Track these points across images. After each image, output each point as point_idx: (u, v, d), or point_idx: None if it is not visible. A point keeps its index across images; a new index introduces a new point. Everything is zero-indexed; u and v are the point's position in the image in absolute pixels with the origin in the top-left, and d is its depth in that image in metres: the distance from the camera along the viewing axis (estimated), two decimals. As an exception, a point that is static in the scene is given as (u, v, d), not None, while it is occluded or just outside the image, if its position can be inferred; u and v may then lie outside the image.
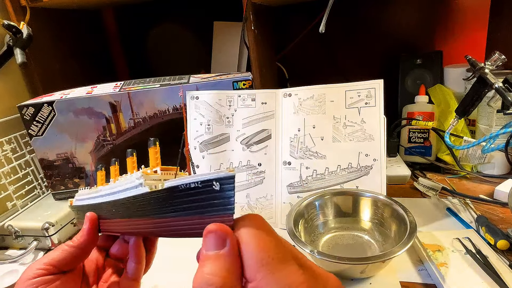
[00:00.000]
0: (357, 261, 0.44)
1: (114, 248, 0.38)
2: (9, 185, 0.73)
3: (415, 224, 0.49)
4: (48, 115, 0.73)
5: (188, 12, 1.09)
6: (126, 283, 0.36)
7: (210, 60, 1.07)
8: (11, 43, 0.75)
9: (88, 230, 0.35)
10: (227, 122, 0.68)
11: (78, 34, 1.02)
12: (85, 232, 0.35)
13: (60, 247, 0.34)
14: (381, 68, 1.01)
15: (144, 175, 0.28)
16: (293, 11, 1.03)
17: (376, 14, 0.98)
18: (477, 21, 0.90)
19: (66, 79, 0.94)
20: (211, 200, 0.23)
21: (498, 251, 0.51)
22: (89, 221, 0.35)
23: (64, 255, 0.33)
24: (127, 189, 0.30)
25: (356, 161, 0.62)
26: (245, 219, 0.23)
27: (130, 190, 0.30)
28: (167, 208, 0.26)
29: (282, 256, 0.21)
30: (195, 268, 0.23)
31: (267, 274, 0.20)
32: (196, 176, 0.23)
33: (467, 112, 0.63)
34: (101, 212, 0.36)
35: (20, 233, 0.67)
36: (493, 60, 0.58)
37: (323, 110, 0.64)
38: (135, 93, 0.73)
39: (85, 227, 0.35)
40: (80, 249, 0.34)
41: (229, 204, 0.22)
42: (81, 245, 0.34)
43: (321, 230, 0.58)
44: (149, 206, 0.28)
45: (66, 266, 0.33)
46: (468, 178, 0.76)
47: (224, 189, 0.22)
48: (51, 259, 0.33)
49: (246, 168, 0.67)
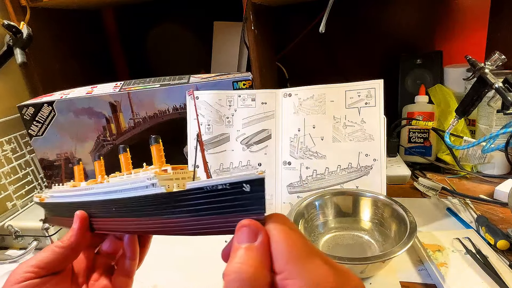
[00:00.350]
0: (357, 261, 0.44)
1: (105, 245, 0.37)
2: (9, 185, 0.73)
3: (415, 224, 0.49)
4: (48, 115, 0.73)
5: (188, 12, 1.09)
6: (119, 280, 0.35)
7: (210, 60, 1.06)
8: (11, 43, 0.75)
9: (78, 229, 0.33)
10: (227, 122, 0.68)
11: (78, 34, 1.02)
12: (75, 231, 0.33)
13: (48, 248, 0.32)
14: (381, 68, 1.01)
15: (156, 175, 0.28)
16: (293, 11, 1.03)
17: (376, 14, 0.98)
18: (477, 21, 0.90)
19: (66, 79, 0.94)
20: (241, 201, 0.24)
21: (498, 251, 0.51)
22: (79, 219, 0.34)
23: (53, 256, 0.32)
24: (135, 188, 0.30)
25: (356, 161, 0.62)
26: (272, 217, 0.24)
27: (138, 189, 0.29)
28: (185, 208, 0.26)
29: (309, 250, 0.23)
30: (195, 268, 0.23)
31: (296, 266, 0.21)
32: (220, 178, 0.24)
33: (467, 112, 0.63)
34: (92, 210, 0.35)
35: (20, 233, 0.67)
36: (493, 60, 0.58)
37: (323, 110, 0.64)
38: (135, 93, 0.73)
39: (75, 226, 0.34)
40: (70, 249, 0.33)
41: (260, 204, 0.23)
42: (71, 245, 0.33)
43: (321, 230, 0.58)
44: (162, 206, 0.28)
45: (56, 268, 0.32)
46: (468, 178, 0.76)
47: (255, 190, 0.23)
48: (39, 261, 0.31)
49: (246, 168, 0.67)
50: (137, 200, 0.29)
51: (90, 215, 0.35)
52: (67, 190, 0.39)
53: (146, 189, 0.28)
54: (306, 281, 0.21)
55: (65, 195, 0.38)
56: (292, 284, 0.21)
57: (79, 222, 0.34)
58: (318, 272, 0.21)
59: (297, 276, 0.21)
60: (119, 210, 0.32)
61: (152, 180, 0.28)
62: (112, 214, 0.33)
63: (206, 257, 0.56)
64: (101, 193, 0.34)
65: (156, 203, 0.28)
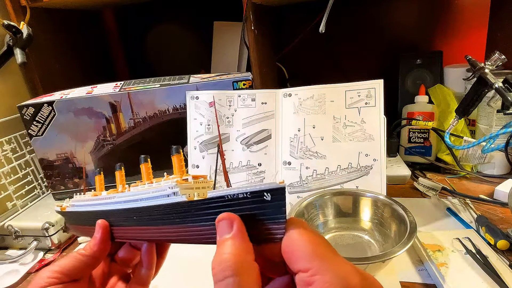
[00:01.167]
0: (357, 261, 0.44)
1: (121, 252, 0.38)
2: (9, 185, 0.73)
3: (415, 224, 0.49)
4: (48, 115, 0.73)
5: (188, 12, 1.09)
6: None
7: (210, 60, 1.07)
8: (11, 43, 0.75)
9: (101, 238, 0.34)
10: (227, 122, 0.68)
11: (78, 34, 1.02)
12: (97, 240, 0.34)
13: (72, 255, 0.33)
14: (381, 68, 1.01)
15: (178, 184, 0.29)
16: (293, 11, 1.03)
17: (376, 14, 0.98)
18: (477, 21, 0.90)
19: (66, 79, 0.94)
20: (261, 209, 0.25)
21: (498, 251, 0.51)
22: (101, 229, 0.35)
23: (76, 263, 0.33)
24: (156, 197, 0.30)
25: (356, 161, 0.62)
26: (292, 222, 0.25)
27: (159, 198, 0.30)
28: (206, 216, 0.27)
29: (333, 249, 0.24)
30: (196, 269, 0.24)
31: (323, 262, 0.22)
32: (241, 187, 0.25)
33: (467, 112, 0.63)
34: (113, 219, 0.35)
35: (20, 233, 0.67)
36: (493, 60, 0.58)
37: (323, 110, 0.64)
38: (135, 93, 0.73)
39: (97, 235, 0.35)
40: (92, 257, 0.34)
41: (281, 212, 0.24)
42: (94, 253, 0.34)
43: (321, 230, 0.58)
44: (183, 214, 0.28)
45: (78, 275, 0.33)
46: (468, 178, 0.76)
47: (275, 199, 0.24)
48: (63, 267, 0.32)
49: (246, 168, 0.67)
50: (158, 209, 0.30)
51: (111, 223, 0.35)
52: (88, 199, 0.39)
53: (167, 198, 0.29)
54: (334, 274, 0.22)
55: (86, 204, 0.39)
56: (320, 279, 0.21)
57: (101, 231, 0.35)
58: (344, 267, 0.22)
59: (325, 271, 0.22)
60: (140, 218, 0.32)
61: (173, 189, 0.29)
62: (133, 223, 0.33)
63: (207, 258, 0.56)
64: (122, 202, 0.34)
65: (177, 212, 0.29)
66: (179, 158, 0.33)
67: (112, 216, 0.35)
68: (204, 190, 0.29)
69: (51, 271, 0.32)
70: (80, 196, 0.42)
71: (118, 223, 0.35)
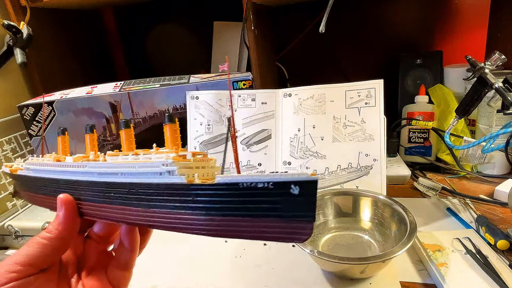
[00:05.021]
0: (357, 261, 0.44)
1: (97, 227, 0.31)
2: (9, 185, 0.73)
3: (415, 224, 0.49)
4: (48, 115, 0.73)
5: (188, 12, 1.09)
6: (117, 273, 0.30)
7: (210, 60, 1.07)
8: (11, 43, 0.75)
9: (66, 215, 0.28)
10: (228, 122, 0.68)
11: (78, 34, 1.02)
12: (61, 218, 0.28)
13: (33, 241, 0.27)
14: (381, 68, 1.01)
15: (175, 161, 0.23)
16: (293, 11, 1.03)
17: (376, 14, 0.98)
18: (477, 21, 0.90)
19: (66, 79, 0.94)
20: (285, 204, 0.20)
21: (498, 251, 0.51)
22: (64, 204, 0.29)
23: (40, 249, 0.27)
24: (143, 173, 0.25)
25: (356, 161, 0.62)
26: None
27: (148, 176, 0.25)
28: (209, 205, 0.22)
29: None
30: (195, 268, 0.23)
31: None
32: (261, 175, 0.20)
33: (467, 112, 0.63)
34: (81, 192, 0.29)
35: (20, 233, 0.67)
36: (493, 60, 0.58)
37: (323, 110, 0.64)
38: (135, 93, 0.73)
39: (60, 213, 0.29)
40: (58, 239, 0.28)
41: (310, 210, 0.20)
42: (59, 234, 0.28)
43: (321, 230, 0.58)
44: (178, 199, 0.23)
45: (44, 264, 0.27)
46: (468, 178, 0.76)
47: (305, 194, 0.20)
48: (25, 256, 0.26)
49: (246, 168, 0.67)
50: (146, 188, 0.25)
51: (77, 197, 0.29)
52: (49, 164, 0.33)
53: (159, 176, 0.24)
54: None
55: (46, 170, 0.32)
56: None
57: (64, 207, 0.29)
58: None
59: None
60: (119, 196, 0.27)
61: (168, 166, 0.23)
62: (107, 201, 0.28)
63: (207, 257, 0.56)
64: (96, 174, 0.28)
65: (170, 194, 0.24)
66: (173, 129, 0.27)
67: (81, 189, 0.29)
68: (205, 170, 0.24)
69: (12, 263, 0.26)
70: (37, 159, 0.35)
71: (88, 198, 0.29)
